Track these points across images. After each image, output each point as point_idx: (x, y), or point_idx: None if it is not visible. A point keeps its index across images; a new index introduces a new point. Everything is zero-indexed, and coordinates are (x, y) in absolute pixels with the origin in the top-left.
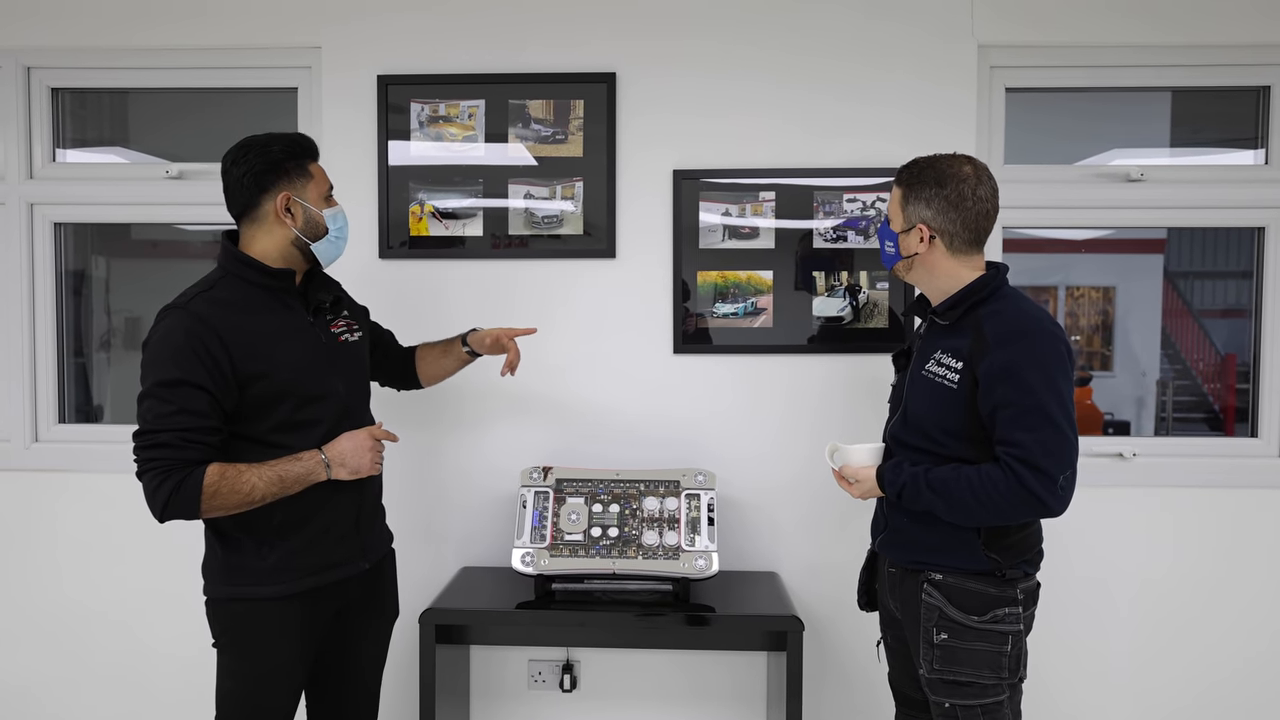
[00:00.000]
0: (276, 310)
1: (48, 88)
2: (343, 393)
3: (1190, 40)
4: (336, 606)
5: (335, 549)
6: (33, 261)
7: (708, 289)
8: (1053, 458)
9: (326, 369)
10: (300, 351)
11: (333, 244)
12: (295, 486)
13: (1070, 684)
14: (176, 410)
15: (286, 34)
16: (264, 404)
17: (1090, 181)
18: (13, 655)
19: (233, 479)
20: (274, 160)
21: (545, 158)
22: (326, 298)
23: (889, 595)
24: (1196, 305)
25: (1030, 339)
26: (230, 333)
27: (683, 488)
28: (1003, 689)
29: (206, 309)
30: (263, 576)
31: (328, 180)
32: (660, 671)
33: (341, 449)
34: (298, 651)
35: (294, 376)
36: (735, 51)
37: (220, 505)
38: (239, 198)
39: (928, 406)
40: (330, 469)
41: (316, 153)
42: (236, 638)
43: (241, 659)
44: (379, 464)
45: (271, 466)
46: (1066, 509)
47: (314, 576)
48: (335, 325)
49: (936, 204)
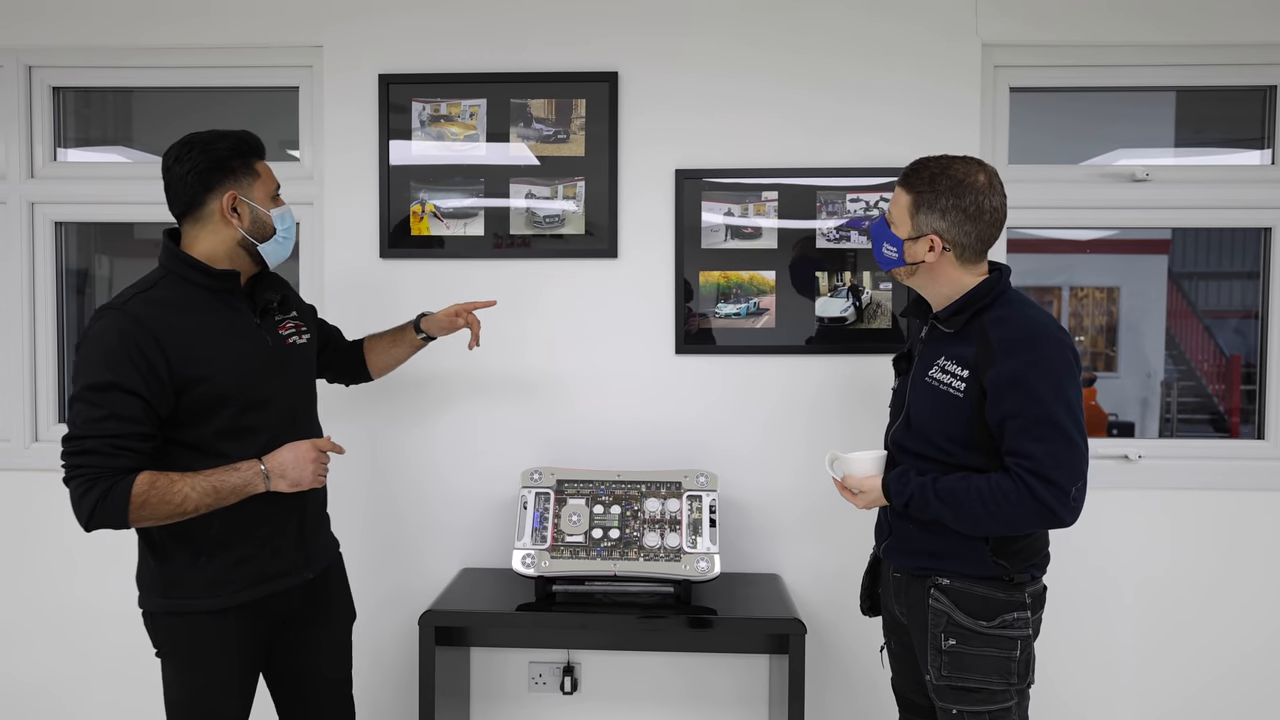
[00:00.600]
0: (220, 311)
1: (49, 87)
2: (289, 397)
3: (1195, 40)
4: (280, 617)
5: (275, 560)
6: (33, 261)
7: (710, 289)
8: (1064, 469)
9: (273, 372)
10: (245, 354)
11: (280, 244)
12: (231, 498)
13: (1076, 686)
14: (106, 415)
15: (288, 33)
16: (205, 409)
17: (1095, 181)
18: (13, 653)
19: (164, 489)
20: (219, 158)
21: (547, 157)
22: (274, 298)
23: (894, 600)
24: (1201, 306)
25: (1038, 347)
26: (168, 335)
27: (684, 489)
28: (1011, 695)
29: (143, 310)
30: (199, 590)
31: (275, 179)
32: (661, 674)
33: (282, 460)
34: (239, 663)
35: (237, 380)
36: (738, 50)
37: (150, 515)
38: (182, 196)
39: (932, 414)
40: (269, 480)
41: (263, 151)
42: (176, 650)
43: (183, 670)
44: (322, 476)
45: (206, 476)
46: (1078, 519)
47: (252, 589)
48: (284, 327)
49: (952, 216)
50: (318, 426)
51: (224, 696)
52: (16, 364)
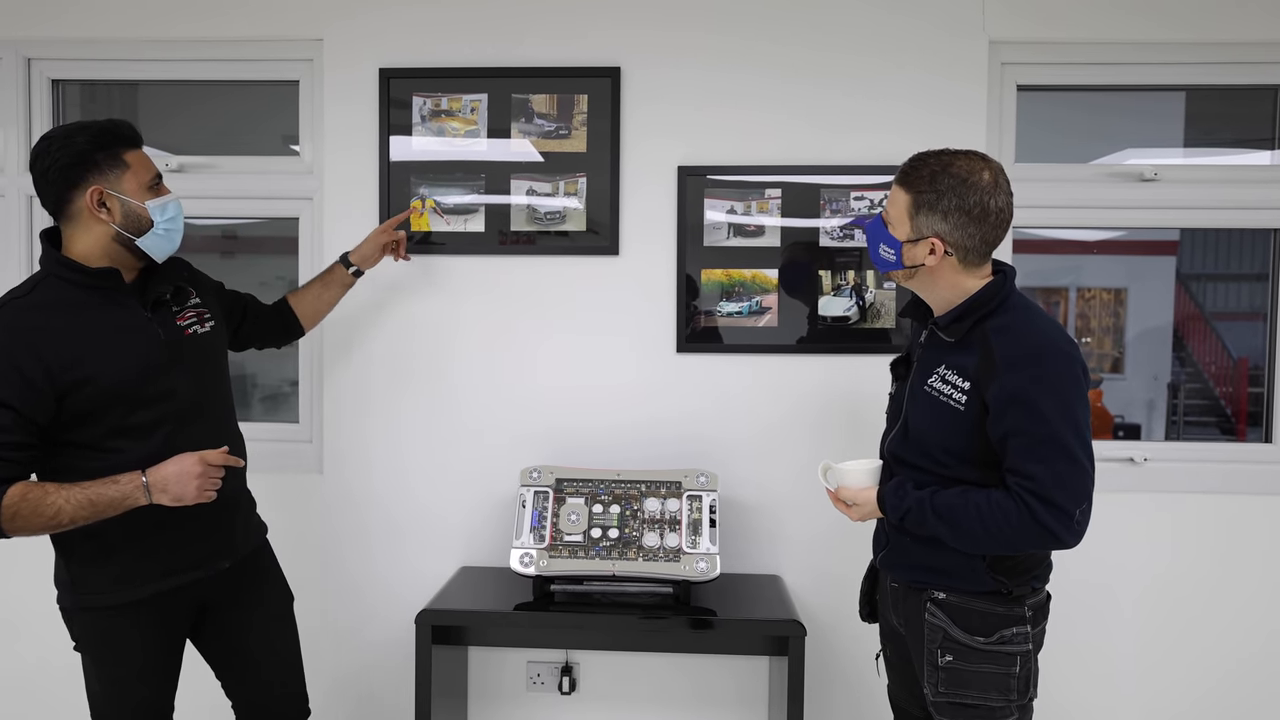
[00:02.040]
0: (105, 309)
1: (48, 79)
2: (190, 389)
3: (1204, 38)
4: (198, 603)
5: (181, 553)
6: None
7: (712, 287)
8: (1068, 492)
9: (167, 366)
10: (133, 351)
11: (162, 237)
12: (110, 511)
13: (1078, 692)
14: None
15: (288, 27)
16: (91, 411)
17: (1103, 181)
18: (15, 648)
19: (35, 501)
20: (79, 152)
21: (548, 153)
22: (166, 289)
23: (891, 611)
24: (1209, 308)
25: (1043, 361)
26: (45, 340)
27: (684, 489)
28: (1011, 711)
29: (16, 317)
30: (105, 586)
31: (151, 168)
32: (660, 675)
33: (165, 474)
34: (153, 652)
35: (124, 379)
36: (742, 45)
37: (22, 527)
38: (48, 195)
39: (931, 425)
40: (150, 494)
41: (135, 139)
42: (91, 644)
43: (101, 664)
44: (209, 491)
45: (84, 488)
46: (1081, 540)
47: (157, 583)
48: (182, 317)
49: (955, 218)
50: (231, 416)
51: (139, 684)
52: None
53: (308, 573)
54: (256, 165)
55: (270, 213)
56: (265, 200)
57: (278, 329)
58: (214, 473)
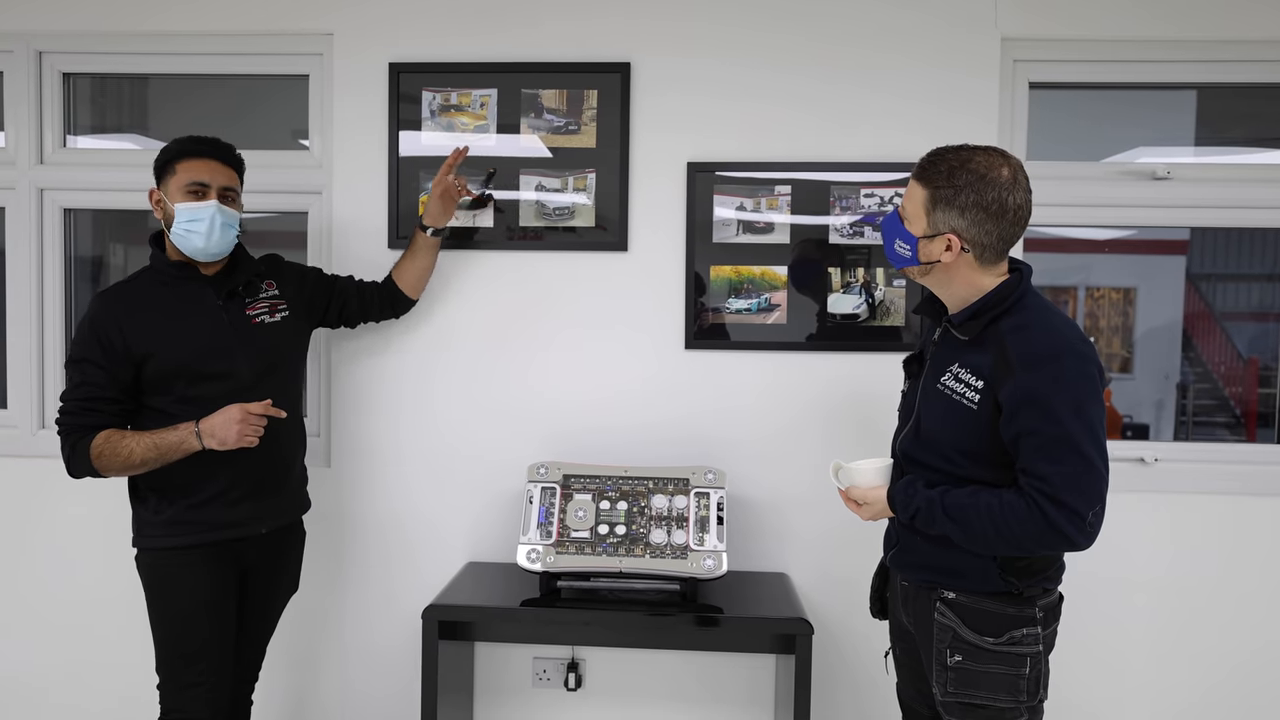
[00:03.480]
0: (181, 297)
1: (59, 73)
2: (246, 371)
3: (1216, 36)
4: (240, 566)
5: (228, 511)
6: (42, 248)
7: (721, 284)
8: (1081, 493)
9: (230, 349)
10: (196, 334)
11: (182, 237)
12: (171, 453)
13: (1089, 691)
14: (80, 383)
15: (299, 20)
16: (159, 380)
17: (1114, 179)
18: (21, 641)
19: (114, 444)
20: (158, 164)
21: (558, 148)
22: (240, 281)
23: (901, 609)
24: (1219, 308)
25: (1058, 362)
26: (126, 320)
27: (692, 486)
28: (1021, 712)
29: (113, 299)
30: (159, 529)
31: (195, 176)
32: (667, 672)
33: (213, 422)
34: (210, 589)
35: (184, 357)
36: (752, 41)
37: (107, 467)
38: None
39: (943, 424)
40: (201, 439)
41: (197, 151)
42: (151, 583)
43: (158, 600)
44: (249, 437)
45: (150, 434)
46: (1094, 542)
47: (204, 534)
48: (252, 307)
49: (973, 214)
50: (286, 397)
51: (199, 622)
52: (24, 351)
53: (316, 565)
54: (266, 159)
55: (280, 206)
56: (275, 194)
57: (385, 303)
58: (255, 421)
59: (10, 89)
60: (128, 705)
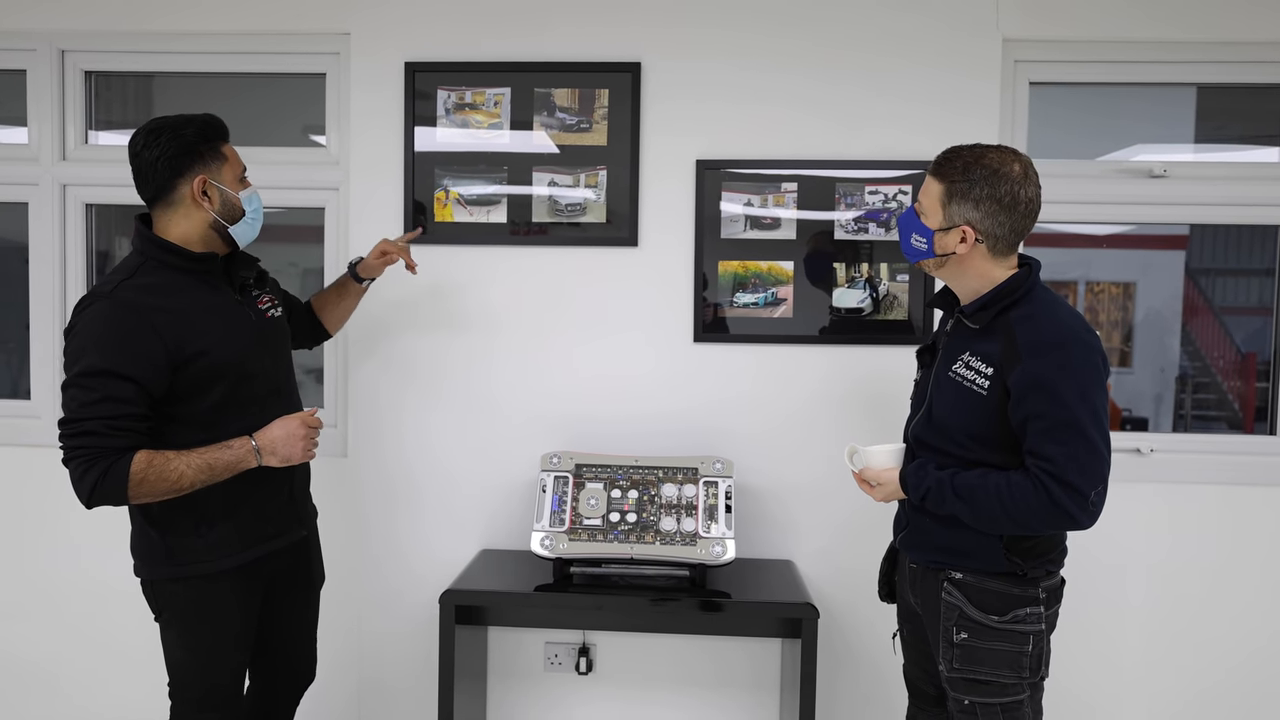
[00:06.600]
0: (203, 291)
1: (81, 71)
2: (271, 369)
3: (1215, 37)
4: (270, 575)
5: (271, 521)
6: (64, 242)
7: (728, 279)
8: (1085, 474)
9: (258, 346)
10: (232, 330)
11: (249, 225)
12: (224, 474)
13: (1086, 677)
14: (102, 398)
15: (316, 20)
16: (201, 383)
17: (1113, 177)
18: (41, 629)
19: (160, 466)
20: (188, 143)
21: (569, 146)
22: (250, 274)
23: (909, 590)
24: (1218, 302)
25: (1065, 349)
26: (160, 317)
27: (701, 475)
28: (1023, 688)
29: (133, 296)
30: (202, 555)
31: (241, 162)
32: (675, 656)
33: (273, 437)
34: (238, 619)
35: (229, 355)
36: (760, 42)
37: (148, 492)
38: (152, 182)
39: (954, 410)
40: (261, 456)
41: (228, 133)
42: (182, 614)
43: (189, 633)
44: (311, 451)
45: (201, 454)
46: (1096, 522)
47: (252, 549)
48: (261, 302)
49: (986, 206)
50: (298, 398)
51: (233, 650)
52: (48, 342)
53: (332, 554)
54: (283, 156)
55: (296, 203)
56: (291, 190)
57: (309, 330)
58: (314, 434)
59: (34, 87)
60: (145, 696)
